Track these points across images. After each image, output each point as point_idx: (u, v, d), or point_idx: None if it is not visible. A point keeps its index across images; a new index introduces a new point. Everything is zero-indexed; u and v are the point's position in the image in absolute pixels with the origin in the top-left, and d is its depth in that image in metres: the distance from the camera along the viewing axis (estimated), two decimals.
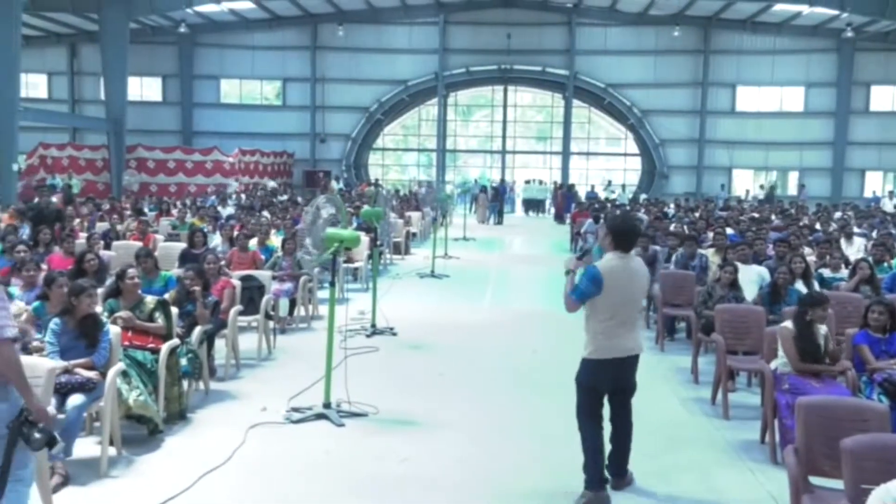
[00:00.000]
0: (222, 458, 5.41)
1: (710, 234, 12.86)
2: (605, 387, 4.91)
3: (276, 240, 11.64)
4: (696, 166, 34.55)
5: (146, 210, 17.46)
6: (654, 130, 34.65)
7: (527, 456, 5.65)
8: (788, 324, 6.00)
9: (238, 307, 7.87)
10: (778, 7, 29.19)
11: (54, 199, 17.23)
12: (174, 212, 16.48)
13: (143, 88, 35.76)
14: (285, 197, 24.74)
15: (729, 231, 13.19)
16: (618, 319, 4.79)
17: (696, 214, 18.72)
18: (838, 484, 3.88)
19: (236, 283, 8.17)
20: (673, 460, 5.67)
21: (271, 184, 31.08)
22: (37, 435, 3.48)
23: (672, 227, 14.46)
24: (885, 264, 9.86)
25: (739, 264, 8.65)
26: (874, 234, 15.02)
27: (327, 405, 6.42)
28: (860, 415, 4.36)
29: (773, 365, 5.95)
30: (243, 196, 25.94)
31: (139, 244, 10.46)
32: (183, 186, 28.74)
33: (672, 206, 22.88)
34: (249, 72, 35.82)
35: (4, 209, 16.92)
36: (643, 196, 30.30)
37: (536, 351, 8.96)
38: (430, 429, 6.23)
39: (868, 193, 32.75)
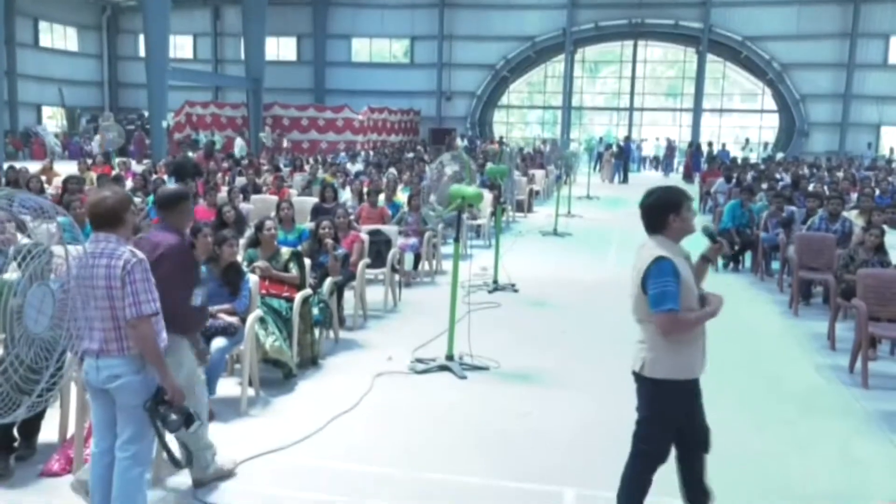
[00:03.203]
0: (351, 403, 5.66)
1: (854, 196, 12.12)
2: None
3: (402, 196, 11.86)
4: (840, 123, 32.42)
5: (281, 166, 18.16)
6: (794, 85, 32.71)
7: None
8: None
9: (366, 260, 8.12)
10: None
11: (190, 153, 18.22)
12: (306, 167, 17.05)
13: (280, 48, 37.03)
14: (411, 154, 25.12)
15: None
16: None
17: (840, 174, 17.62)
18: None
19: (365, 237, 8.43)
20: (809, 428, 5.47)
21: (391, 139, 31.80)
22: (173, 416, 3.53)
23: (811, 188, 13.70)
24: None
25: (887, 228, 8.12)
26: None
27: (450, 357, 6.56)
28: None
29: None
30: (371, 153, 26.52)
31: (275, 198, 10.93)
32: (315, 143, 29.70)
33: (805, 168, 21.52)
34: (379, 30, 36.41)
35: (155, 163, 18.09)
36: (780, 154, 28.74)
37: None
38: (550, 385, 6.27)
39: None
